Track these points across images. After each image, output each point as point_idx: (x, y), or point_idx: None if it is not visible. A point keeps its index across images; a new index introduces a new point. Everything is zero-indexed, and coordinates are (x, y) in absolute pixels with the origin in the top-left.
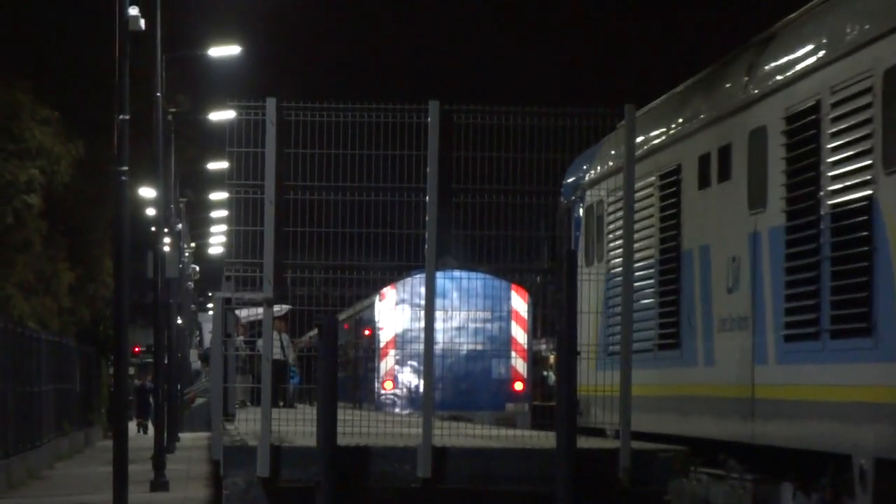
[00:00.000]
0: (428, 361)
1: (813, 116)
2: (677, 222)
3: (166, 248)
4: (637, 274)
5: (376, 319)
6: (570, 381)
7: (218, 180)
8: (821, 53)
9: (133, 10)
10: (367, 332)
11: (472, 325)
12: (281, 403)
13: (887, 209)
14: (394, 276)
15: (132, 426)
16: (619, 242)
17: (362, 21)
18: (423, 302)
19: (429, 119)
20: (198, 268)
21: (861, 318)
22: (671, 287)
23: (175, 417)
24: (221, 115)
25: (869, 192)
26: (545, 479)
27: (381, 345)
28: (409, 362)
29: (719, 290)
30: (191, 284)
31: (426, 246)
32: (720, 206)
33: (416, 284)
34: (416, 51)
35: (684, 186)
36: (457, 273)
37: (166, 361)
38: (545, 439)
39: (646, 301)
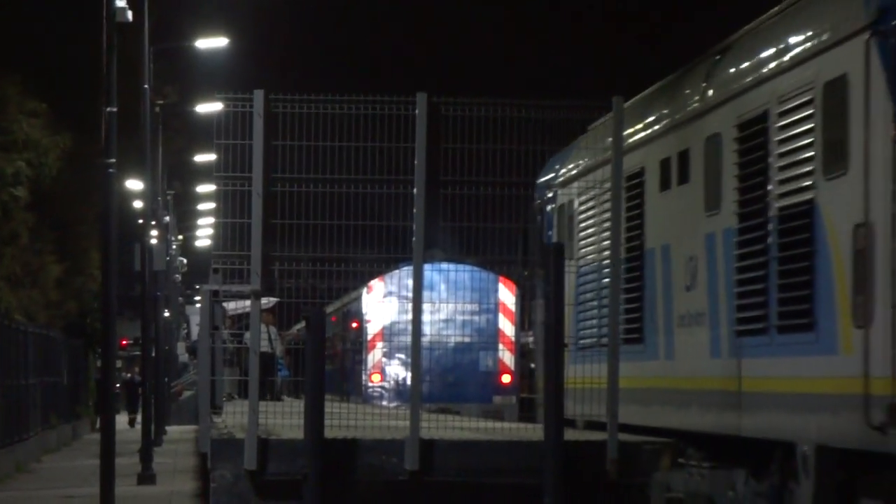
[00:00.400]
0: (415, 354)
1: (762, 125)
2: (641, 223)
3: (154, 241)
4: (604, 272)
5: (364, 312)
6: (558, 374)
7: (205, 172)
8: (769, 66)
9: (120, 2)
10: (354, 325)
11: (459, 318)
12: (268, 396)
13: (827, 213)
14: (381, 268)
15: (122, 419)
16: (590, 240)
17: (350, 13)
18: (410, 294)
19: (417, 111)
20: (185, 260)
21: (804, 314)
22: (635, 284)
23: (162, 410)
24: (209, 107)
25: (811, 196)
26: (533, 471)
27: (369, 337)
28: (396, 355)
29: (679, 287)
30: (178, 277)
31: (414, 238)
32: (680, 207)
33: (403, 277)
34: (404, 42)
35: (647, 188)
36: (444, 265)
37: (153, 354)
38: (533, 432)
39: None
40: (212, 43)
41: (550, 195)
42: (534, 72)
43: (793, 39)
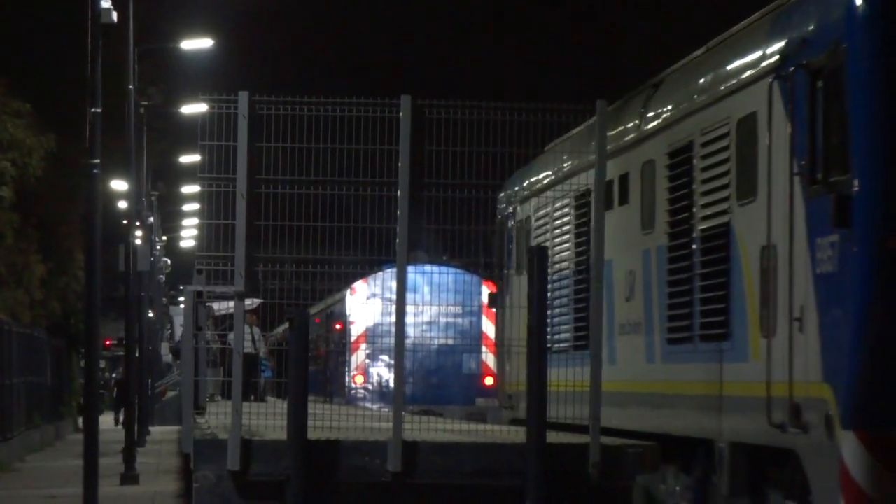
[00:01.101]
0: (398, 356)
1: (687, 154)
2: (588, 238)
3: (138, 242)
4: (556, 283)
5: (347, 313)
6: (541, 376)
7: (190, 173)
8: (694, 101)
9: (105, 3)
10: (338, 327)
11: (442, 320)
12: (252, 397)
13: (740, 234)
14: (365, 270)
15: (106, 419)
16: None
17: (336, 16)
18: (393, 296)
19: (401, 113)
20: (169, 261)
21: (721, 325)
22: (583, 295)
23: (146, 411)
24: (193, 109)
25: (727, 219)
26: (515, 473)
27: (352, 339)
28: (379, 356)
29: (620, 298)
30: (162, 278)
31: (397, 240)
32: (621, 226)
33: (387, 279)
34: (389, 45)
35: (594, 208)
36: (428, 267)
37: (137, 355)
38: (515, 434)
39: (562, 307)
40: (197, 44)
41: (511, 210)
42: (521, 76)
43: (714, 78)
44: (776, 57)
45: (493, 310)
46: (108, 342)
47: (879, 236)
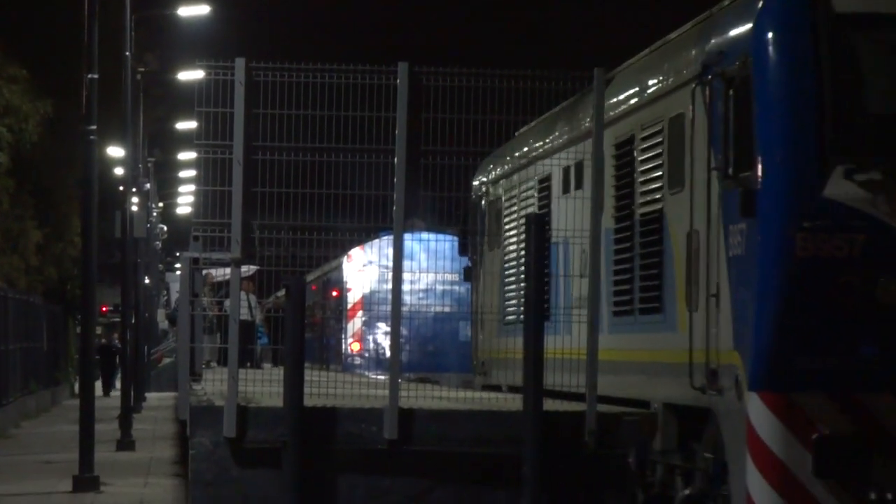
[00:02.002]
0: (395, 323)
1: (630, 146)
2: (549, 219)
3: (134, 208)
4: (521, 260)
5: (344, 280)
6: (537, 345)
7: (186, 140)
8: (636, 99)
9: None
10: (334, 294)
11: (439, 287)
12: (248, 364)
13: (671, 221)
14: (362, 237)
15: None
16: (512, 233)
17: None
18: (390, 263)
19: (398, 80)
20: (166, 227)
21: (655, 299)
22: (546, 271)
23: (142, 377)
24: (190, 75)
25: (660, 206)
26: (512, 441)
27: (349, 306)
28: (376, 324)
29: (575, 275)
30: (158, 244)
31: (394, 207)
32: (576, 208)
33: (383, 246)
34: (386, 11)
35: (553, 191)
36: (424, 234)
37: (133, 321)
38: (512, 402)
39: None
40: (193, 10)
41: (484, 190)
42: (521, 41)
43: (652, 80)
44: (699, 65)
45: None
46: (104, 308)
47: (778, 225)
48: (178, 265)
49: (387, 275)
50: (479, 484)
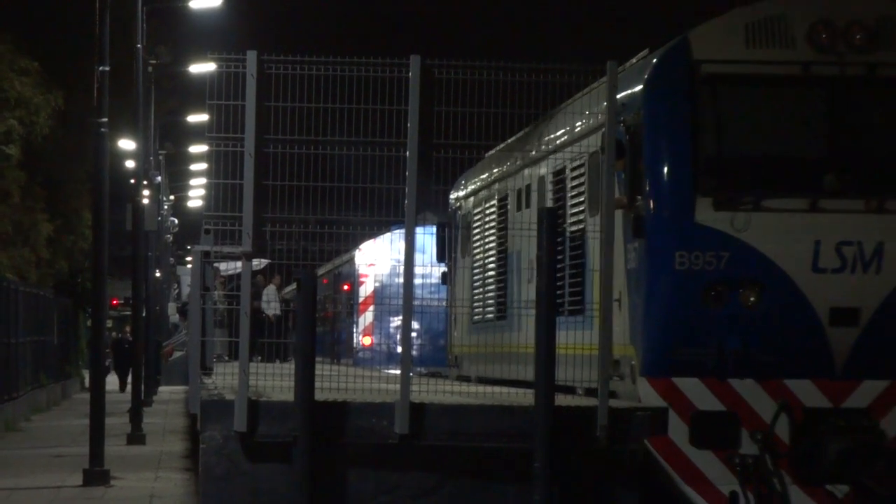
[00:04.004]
0: (406, 317)
1: (563, 175)
2: (506, 233)
3: (145, 201)
4: (488, 267)
5: (355, 274)
6: (549, 339)
7: (198, 133)
8: (566, 137)
9: None
10: (345, 287)
11: None
12: (259, 358)
13: (591, 237)
14: (373, 230)
15: (112, 380)
16: (479, 244)
17: None
18: (402, 257)
19: (410, 74)
20: (177, 220)
21: (578, 303)
22: (503, 277)
23: (153, 370)
24: (202, 68)
25: (583, 226)
26: (523, 435)
27: (360, 300)
28: (387, 318)
29: (524, 280)
30: (169, 237)
31: (406, 201)
32: (526, 224)
33: (395, 239)
34: (400, 4)
35: (510, 209)
36: (436, 228)
37: (144, 315)
38: (523, 396)
39: (489, 287)
40: (205, 2)
41: (458, 205)
42: (534, 35)
43: (578, 122)
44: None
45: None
46: (114, 302)
47: (660, 245)
48: (189, 258)
49: (398, 269)
50: (490, 478)
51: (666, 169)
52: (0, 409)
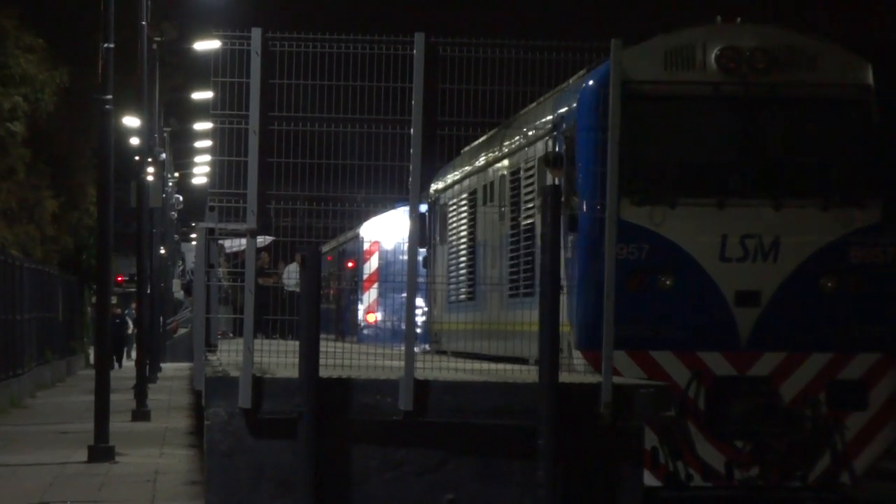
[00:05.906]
0: (410, 295)
1: (518, 175)
2: (475, 225)
3: (150, 178)
4: (460, 253)
5: (360, 252)
6: (553, 317)
7: (203, 110)
8: (521, 141)
9: None
10: (350, 265)
11: None
12: (276, 336)
13: (539, 230)
14: (378, 208)
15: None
16: (454, 232)
17: None
18: (406, 234)
19: (414, 51)
20: (181, 197)
21: (531, 286)
22: (472, 263)
23: (157, 347)
24: (207, 45)
25: (533, 220)
26: (527, 413)
27: (364, 277)
28: (391, 295)
29: (487, 265)
30: (174, 214)
31: (410, 178)
32: (490, 217)
33: (399, 217)
34: None
35: (478, 203)
36: None
37: (149, 291)
38: (527, 373)
39: (461, 271)
40: None
41: (437, 196)
42: (538, 13)
43: (530, 128)
44: (551, 124)
45: None
46: (119, 278)
47: (590, 238)
48: (193, 235)
49: (403, 246)
50: (494, 455)
51: (595, 173)
52: (5, 386)
